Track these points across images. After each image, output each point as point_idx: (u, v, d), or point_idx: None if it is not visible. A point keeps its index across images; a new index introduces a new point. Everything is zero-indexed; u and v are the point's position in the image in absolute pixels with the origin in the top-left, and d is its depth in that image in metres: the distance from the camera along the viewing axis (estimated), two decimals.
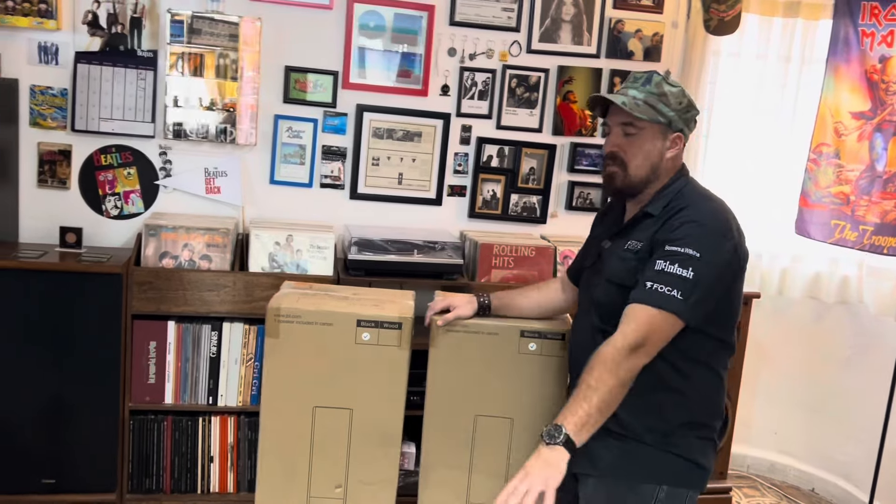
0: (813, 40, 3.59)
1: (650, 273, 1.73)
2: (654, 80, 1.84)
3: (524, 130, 3.47)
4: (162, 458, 3.05)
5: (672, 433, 1.82)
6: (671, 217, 1.79)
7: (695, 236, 1.74)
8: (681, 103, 1.84)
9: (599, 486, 1.87)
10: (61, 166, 3.10)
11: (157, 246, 2.98)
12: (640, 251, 1.80)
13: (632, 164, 1.84)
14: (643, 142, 1.84)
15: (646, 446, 1.82)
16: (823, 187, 3.45)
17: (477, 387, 2.16)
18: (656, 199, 1.86)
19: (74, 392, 2.85)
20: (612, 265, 1.86)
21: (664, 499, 1.83)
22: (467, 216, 3.49)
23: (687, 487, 1.86)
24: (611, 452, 1.84)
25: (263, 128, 3.23)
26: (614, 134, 1.86)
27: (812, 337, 3.81)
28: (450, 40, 3.35)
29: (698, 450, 1.85)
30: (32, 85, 3.03)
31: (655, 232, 1.80)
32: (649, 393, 1.80)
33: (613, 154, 1.86)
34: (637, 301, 1.72)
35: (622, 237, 1.89)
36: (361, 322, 2.10)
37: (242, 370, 3.05)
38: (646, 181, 1.86)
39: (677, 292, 1.70)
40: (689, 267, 1.70)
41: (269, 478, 2.17)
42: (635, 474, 1.83)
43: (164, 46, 3.07)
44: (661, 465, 1.83)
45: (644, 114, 1.80)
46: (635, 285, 1.76)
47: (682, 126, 1.86)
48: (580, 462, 1.90)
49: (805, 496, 3.77)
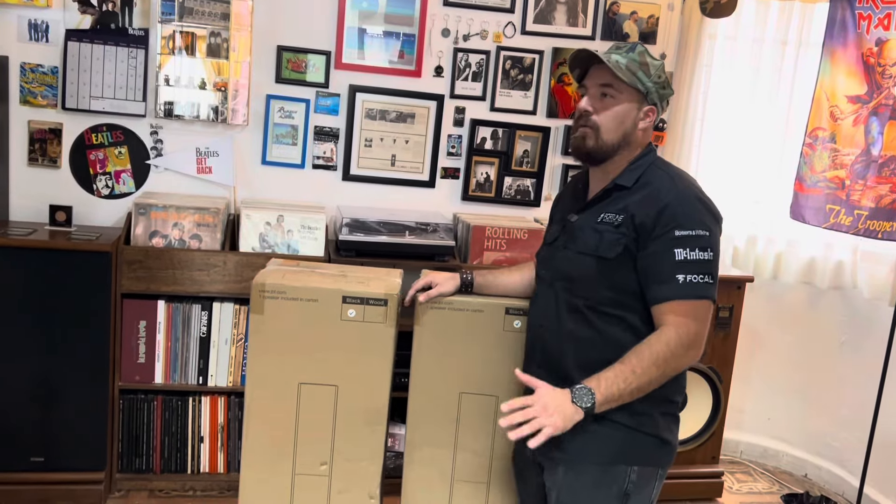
0: (810, 23, 3.56)
1: (672, 264, 1.71)
2: (638, 49, 1.82)
3: (518, 112, 3.45)
4: (152, 437, 3.05)
5: (640, 412, 1.79)
6: (655, 191, 1.77)
7: (694, 214, 1.74)
8: (660, 77, 1.83)
9: (569, 471, 1.84)
10: (52, 145, 3.09)
11: (147, 225, 2.97)
12: (620, 224, 1.77)
13: (604, 126, 1.81)
14: (620, 106, 1.81)
15: (615, 426, 1.78)
16: (819, 172, 3.43)
17: (461, 364, 2.14)
18: (627, 172, 1.84)
19: (64, 371, 2.85)
20: (585, 238, 1.82)
21: (636, 480, 1.81)
22: (460, 199, 3.47)
23: (656, 466, 1.84)
24: (578, 436, 1.76)
25: (255, 108, 3.22)
26: (591, 95, 1.83)
27: (806, 322, 3.79)
28: (443, 21, 3.33)
29: (665, 427, 1.83)
30: (23, 62, 3.02)
31: (637, 206, 1.77)
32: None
33: (587, 114, 1.82)
34: (676, 297, 1.71)
35: (593, 210, 1.85)
36: (347, 298, 2.09)
37: (233, 350, 3.05)
38: (615, 147, 1.83)
39: (707, 276, 1.71)
40: (707, 248, 1.72)
41: (255, 455, 2.16)
42: (606, 457, 1.80)
43: (156, 25, 3.06)
44: (630, 446, 1.80)
45: (625, 76, 1.78)
46: (652, 275, 1.73)
47: (656, 100, 1.84)
48: (546, 447, 1.84)
49: (798, 482, 3.77)
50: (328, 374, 2.12)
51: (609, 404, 1.69)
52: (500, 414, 1.70)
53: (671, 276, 1.71)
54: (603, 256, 1.78)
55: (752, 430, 3.94)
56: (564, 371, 1.82)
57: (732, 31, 3.60)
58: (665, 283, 1.72)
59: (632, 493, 1.81)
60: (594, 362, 1.75)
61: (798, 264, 3.70)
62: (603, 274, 1.78)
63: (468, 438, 2.18)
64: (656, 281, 1.73)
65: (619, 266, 1.77)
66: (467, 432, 2.18)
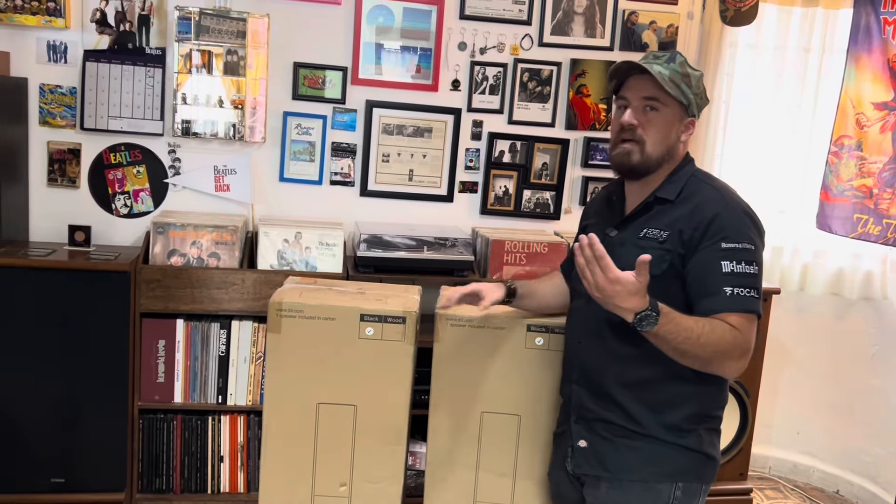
0: (833, 29, 3.50)
1: (719, 276, 1.66)
2: (678, 59, 1.77)
3: (536, 125, 3.42)
4: (172, 457, 3.03)
5: (685, 428, 1.77)
6: (702, 204, 1.72)
7: (741, 227, 1.70)
8: (699, 88, 1.79)
9: (612, 489, 1.81)
10: (71, 165, 3.09)
11: (166, 244, 2.96)
12: (666, 240, 1.72)
13: (650, 141, 1.75)
14: (664, 120, 1.76)
15: (659, 443, 1.76)
16: (845, 180, 3.37)
17: (483, 383, 2.10)
18: (667, 184, 1.79)
19: (83, 391, 2.84)
20: (627, 254, 1.75)
21: (680, 496, 1.78)
22: (479, 213, 3.44)
23: (700, 481, 1.81)
24: (623, 453, 1.78)
25: (272, 125, 3.21)
26: (634, 108, 1.77)
27: (835, 334, 3.71)
28: (460, 34, 3.31)
29: (708, 442, 1.80)
30: (42, 84, 3.03)
31: (685, 220, 1.72)
32: (665, 386, 1.74)
33: (631, 127, 1.76)
34: (724, 310, 1.66)
35: (634, 225, 1.81)
36: (365, 316, 2.06)
37: (252, 369, 3.03)
38: (660, 162, 1.78)
39: (753, 291, 1.67)
40: (753, 262, 1.68)
41: (273, 476, 2.13)
42: (651, 474, 1.78)
43: (173, 44, 3.06)
44: (675, 462, 1.77)
45: (671, 89, 1.73)
46: (697, 287, 1.69)
47: (696, 112, 1.80)
48: (588, 464, 1.85)
49: (829, 498, 3.68)
50: (346, 393, 2.09)
51: (654, 339, 1.62)
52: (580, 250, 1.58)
53: (718, 289, 1.67)
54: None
55: (781, 445, 3.85)
56: (605, 388, 1.78)
57: (754, 38, 3.55)
58: (712, 296, 1.67)
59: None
60: (637, 380, 1.72)
61: (825, 275, 3.63)
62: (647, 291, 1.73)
63: (490, 458, 2.13)
64: (703, 294, 1.69)
65: (664, 283, 1.71)
66: (489, 452, 2.13)
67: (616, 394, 1.76)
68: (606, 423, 1.80)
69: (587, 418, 1.84)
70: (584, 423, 1.85)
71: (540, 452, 2.12)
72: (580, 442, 1.85)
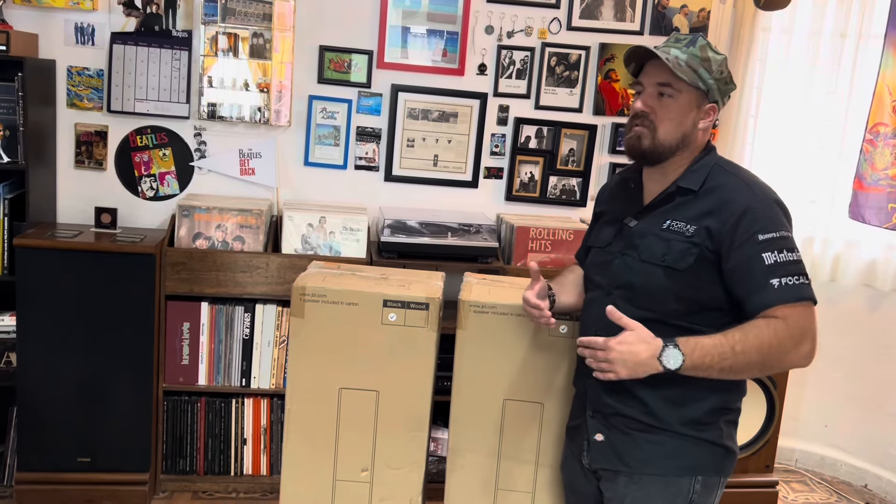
0: (871, 14, 3.41)
1: (763, 270, 1.61)
2: (699, 43, 1.71)
3: (564, 110, 3.37)
4: (195, 439, 3.06)
5: (706, 422, 1.74)
6: (730, 199, 1.67)
7: (774, 216, 1.66)
8: (722, 73, 1.72)
9: (632, 483, 1.78)
10: (98, 147, 3.11)
11: (191, 227, 2.97)
12: (693, 234, 1.67)
13: (661, 127, 1.70)
14: (678, 106, 1.70)
15: (679, 437, 1.73)
16: (880, 169, 3.29)
17: (505, 370, 2.08)
18: (689, 174, 1.74)
19: (109, 372, 2.86)
20: (649, 245, 1.72)
21: (700, 489, 1.75)
22: (504, 199, 3.41)
23: (720, 474, 1.78)
24: (642, 448, 1.75)
25: (298, 108, 3.20)
26: (648, 94, 1.72)
27: (866, 326, 3.64)
28: (487, 18, 3.27)
29: (728, 435, 1.78)
30: (69, 66, 3.04)
31: (712, 215, 1.66)
32: (686, 381, 1.69)
33: (643, 114, 1.72)
34: (777, 303, 1.60)
35: (655, 215, 1.76)
36: (388, 302, 2.04)
37: (275, 352, 3.03)
38: (673, 149, 1.72)
39: (802, 277, 1.63)
40: (793, 249, 1.64)
41: (295, 460, 2.14)
42: (671, 468, 1.75)
43: (199, 27, 3.06)
44: (695, 456, 1.74)
45: (685, 75, 1.67)
46: (744, 284, 1.65)
47: (717, 97, 1.73)
48: (606, 458, 1.81)
49: (857, 492, 3.62)
50: (369, 379, 2.08)
51: (694, 372, 1.61)
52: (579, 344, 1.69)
53: (766, 283, 1.61)
54: (672, 267, 1.68)
55: (809, 438, 3.79)
56: (623, 384, 1.72)
57: (788, 23, 3.46)
58: (761, 291, 1.62)
59: (696, 503, 1.76)
60: (657, 376, 1.66)
61: (857, 266, 3.56)
62: (672, 285, 1.68)
63: (512, 446, 2.12)
64: (752, 290, 1.63)
65: (690, 278, 1.67)
66: (511, 440, 2.11)
67: (635, 389, 1.72)
68: (624, 418, 1.77)
69: (604, 412, 1.81)
70: (601, 417, 1.81)
71: (562, 440, 2.09)
72: (597, 436, 1.82)
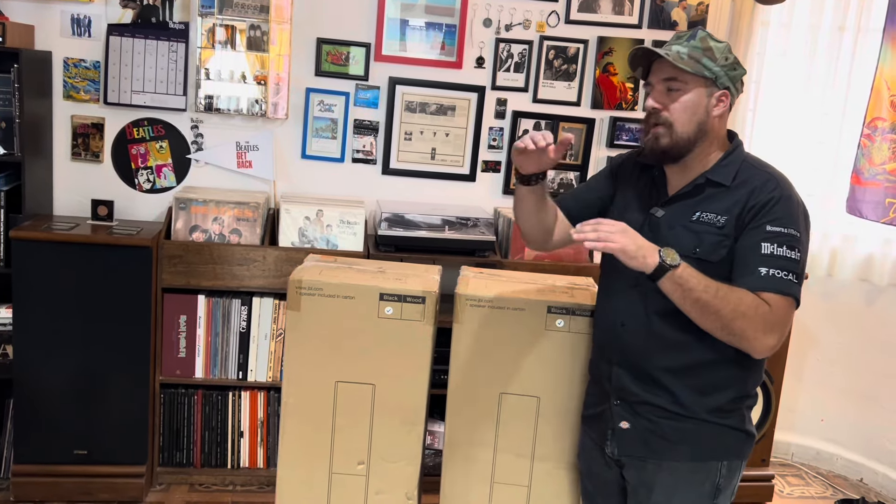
0: (869, 8, 3.40)
1: (757, 257, 1.64)
2: (699, 35, 1.73)
3: (562, 104, 3.37)
4: (192, 432, 3.06)
5: (728, 409, 1.77)
6: (757, 190, 1.69)
7: (791, 214, 1.68)
8: (727, 59, 1.74)
9: (661, 470, 1.81)
10: (94, 139, 3.10)
11: (187, 219, 2.97)
12: (725, 226, 1.70)
13: (677, 121, 1.72)
14: (688, 96, 1.72)
15: (705, 424, 1.77)
16: (878, 164, 3.28)
17: (502, 364, 2.08)
18: (720, 169, 1.75)
19: (105, 364, 2.86)
20: (679, 237, 1.72)
21: (726, 473, 1.80)
22: (502, 192, 3.40)
23: (741, 458, 1.83)
24: (669, 435, 1.78)
25: (295, 101, 3.19)
26: (657, 91, 1.74)
27: (863, 321, 3.64)
28: (485, 10, 3.26)
29: (748, 420, 1.82)
30: (66, 57, 3.03)
31: (742, 206, 1.69)
32: (712, 370, 1.74)
33: (656, 111, 1.73)
34: (756, 288, 1.63)
35: (682, 206, 1.76)
36: (384, 296, 2.05)
37: (272, 345, 3.03)
38: (693, 141, 1.74)
39: (791, 275, 1.64)
40: (796, 248, 1.65)
41: (292, 453, 2.14)
42: (699, 454, 1.79)
43: (196, 18, 3.05)
44: (721, 441, 1.78)
45: (688, 66, 1.69)
46: (736, 268, 1.68)
47: (728, 83, 1.74)
48: (633, 445, 1.84)
49: (853, 486, 3.63)
50: (365, 372, 2.09)
51: (674, 286, 1.62)
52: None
53: (754, 269, 1.65)
54: (705, 259, 1.69)
55: (805, 432, 3.80)
56: (650, 372, 1.77)
57: (786, 17, 3.46)
58: (747, 276, 1.65)
59: (722, 488, 1.81)
60: (684, 365, 1.72)
61: (855, 260, 3.56)
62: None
63: (509, 440, 2.12)
64: (739, 273, 1.67)
65: (722, 269, 1.69)
66: (508, 433, 2.12)
67: (663, 378, 1.75)
68: (651, 406, 1.79)
69: (629, 401, 1.82)
70: (627, 405, 1.83)
71: (559, 434, 2.10)
72: (622, 423, 1.84)
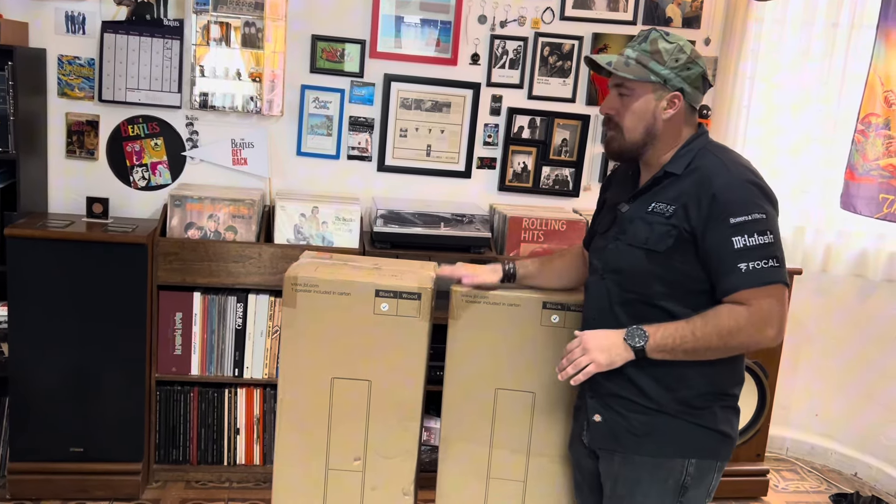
0: (863, 4, 3.41)
1: (731, 254, 1.64)
2: (651, 37, 1.76)
3: (557, 100, 3.37)
4: (188, 429, 3.06)
5: (699, 406, 1.77)
6: (702, 177, 1.70)
7: (749, 198, 1.67)
8: (677, 60, 1.74)
9: (625, 463, 1.82)
10: (89, 137, 3.09)
11: (183, 217, 2.96)
12: (672, 215, 1.71)
13: (626, 126, 1.78)
14: (636, 103, 1.76)
15: (672, 419, 1.77)
16: (871, 160, 3.29)
17: (498, 360, 2.09)
18: (676, 159, 1.78)
19: (101, 362, 2.86)
20: (636, 230, 1.77)
21: (693, 472, 1.79)
22: (497, 189, 3.41)
23: (715, 458, 1.81)
24: (636, 429, 1.79)
25: (290, 98, 3.19)
26: (610, 96, 1.81)
27: (857, 316, 3.66)
28: (480, 7, 3.26)
29: (724, 419, 1.80)
30: (60, 55, 3.03)
31: (688, 195, 1.70)
32: (676, 364, 1.73)
33: (608, 117, 1.81)
34: (742, 287, 1.64)
35: (643, 200, 1.80)
36: (380, 292, 2.05)
37: (268, 342, 3.04)
38: (642, 144, 1.78)
39: (772, 260, 1.65)
40: (766, 231, 1.65)
41: (288, 449, 2.14)
42: (664, 450, 1.78)
43: (190, 15, 3.05)
44: (688, 439, 1.78)
45: (631, 73, 1.74)
46: (715, 268, 1.68)
47: (680, 84, 1.75)
48: (603, 438, 1.86)
49: (847, 481, 3.64)
50: (361, 368, 2.09)
51: (661, 353, 1.70)
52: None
53: (733, 267, 1.65)
54: (653, 250, 1.72)
55: (799, 427, 3.82)
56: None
57: (780, 13, 3.46)
58: (729, 275, 1.66)
59: (690, 486, 1.79)
60: (649, 359, 1.72)
61: (849, 256, 3.57)
62: (654, 268, 1.73)
63: (504, 435, 2.13)
64: (719, 274, 1.68)
65: (670, 259, 1.71)
66: (503, 429, 2.12)
67: (626, 369, 1.76)
68: (621, 399, 1.81)
69: (601, 393, 1.84)
70: (599, 398, 1.85)
71: (554, 429, 2.11)
72: (595, 416, 1.86)
